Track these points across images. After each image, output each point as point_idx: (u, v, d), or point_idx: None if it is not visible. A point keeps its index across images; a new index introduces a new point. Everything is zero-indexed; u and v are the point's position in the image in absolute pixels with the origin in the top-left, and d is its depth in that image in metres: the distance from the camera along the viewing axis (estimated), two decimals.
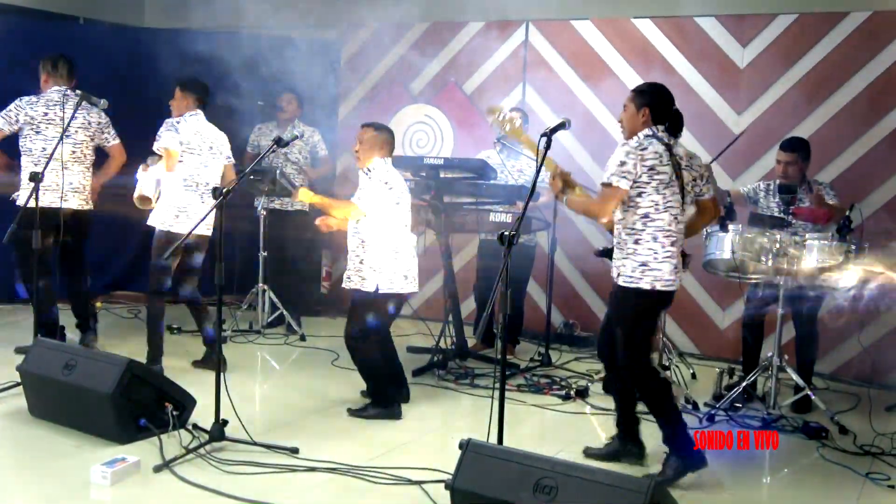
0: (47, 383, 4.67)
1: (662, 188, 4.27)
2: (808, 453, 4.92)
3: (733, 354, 6.46)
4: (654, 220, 4.28)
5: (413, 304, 7.60)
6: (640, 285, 4.30)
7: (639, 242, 4.30)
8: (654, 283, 4.30)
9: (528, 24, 7.64)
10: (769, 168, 6.70)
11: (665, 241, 4.30)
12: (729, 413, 5.36)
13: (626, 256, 4.34)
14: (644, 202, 4.27)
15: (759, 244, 5.36)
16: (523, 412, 5.38)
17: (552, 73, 7.53)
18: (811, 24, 6.67)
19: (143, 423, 4.44)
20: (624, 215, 4.33)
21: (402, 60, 8.15)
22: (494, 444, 3.61)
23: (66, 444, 4.46)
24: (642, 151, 4.26)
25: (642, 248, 4.29)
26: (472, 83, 7.89)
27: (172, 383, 4.70)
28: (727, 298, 6.90)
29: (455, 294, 6.38)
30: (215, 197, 4.39)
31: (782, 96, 6.77)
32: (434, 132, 7.98)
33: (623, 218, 4.34)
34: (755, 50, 6.85)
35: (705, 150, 6.67)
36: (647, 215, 4.29)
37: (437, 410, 5.45)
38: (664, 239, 4.30)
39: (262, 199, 7.18)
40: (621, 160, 4.24)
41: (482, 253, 6.92)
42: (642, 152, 4.26)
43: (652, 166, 4.25)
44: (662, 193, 4.27)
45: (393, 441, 4.79)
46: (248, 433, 4.47)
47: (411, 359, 6.42)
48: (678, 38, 7.09)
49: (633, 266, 4.30)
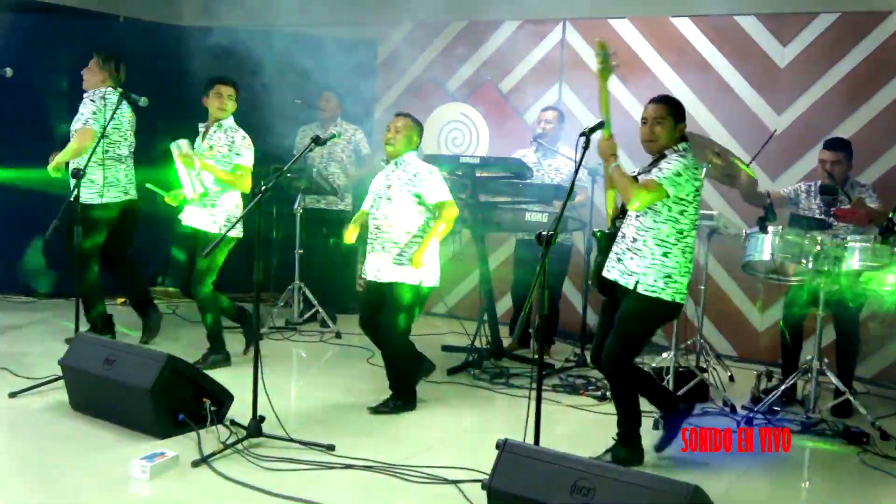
0: (88, 378, 4.73)
1: (698, 207, 4.38)
2: (848, 458, 4.85)
3: (771, 357, 6.40)
4: (685, 237, 4.35)
5: (448, 303, 7.63)
6: (661, 296, 4.32)
7: (668, 255, 4.31)
8: (675, 295, 4.34)
9: (564, 23, 7.61)
10: (809, 168, 6.62)
11: (690, 255, 4.38)
12: (767, 416, 5.30)
13: (649, 266, 4.30)
14: (683, 219, 4.32)
15: (800, 246, 5.29)
16: (559, 413, 5.36)
17: (589, 72, 7.45)
18: (853, 22, 6.58)
19: (182, 419, 4.48)
20: (657, 226, 4.31)
21: (438, 59, 8.15)
22: (531, 444, 3.60)
23: (106, 437, 4.52)
24: (696, 171, 4.33)
25: (670, 261, 4.32)
26: (508, 82, 7.88)
27: (210, 379, 4.74)
28: (765, 300, 6.82)
29: (490, 293, 6.37)
30: (254, 195, 4.42)
31: (823, 96, 6.68)
32: (470, 131, 7.97)
33: (655, 228, 4.32)
34: (796, 49, 6.77)
35: (743, 149, 6.60)
36: (682, 231, 4.33)
37: (471, 410, 5.44)
38: (689, 254, 4.38)
39: (300, 197, 7.22)
40: (678, 171, 4.24)
41: (518, 252, 6.90)
42: (696, 171, 4.32)
43: (698, 188, 4.34)
44: (698, 213, 4.39)
45: (429, 440, 4.80)
46: (284, 430, 4.50)
47: (446, 357, 6.42)
48: (717, 36, 7.02)
49: (657, 276, 4.30)
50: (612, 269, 4.44)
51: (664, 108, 4.40)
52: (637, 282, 4.32)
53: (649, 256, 4.31)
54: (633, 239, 4.36)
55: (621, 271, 4.38)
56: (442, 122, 8.05)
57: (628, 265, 4.35)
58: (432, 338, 7.15)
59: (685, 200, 4.29)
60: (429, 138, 8.07)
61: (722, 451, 4.85)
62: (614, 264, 4.43)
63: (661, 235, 4.31)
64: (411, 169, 5.17)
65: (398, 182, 5.17)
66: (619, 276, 4.39)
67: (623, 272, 4.37)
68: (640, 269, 4.32)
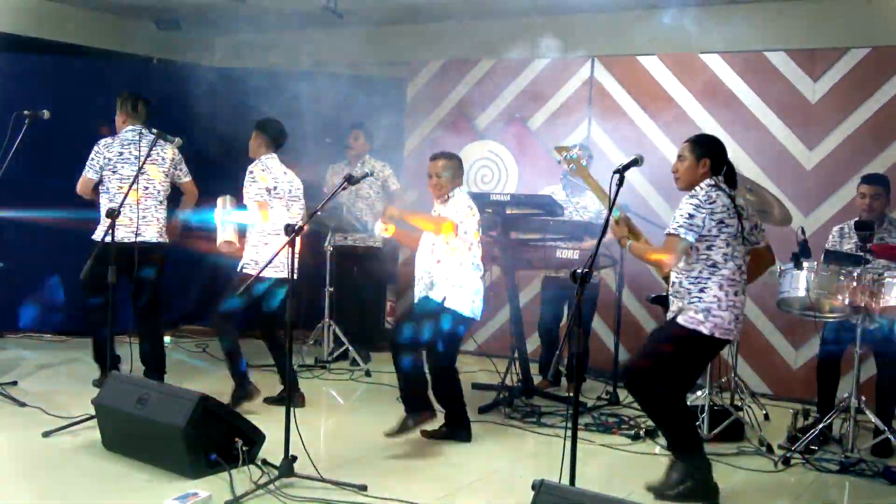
0: (121, 417, 4.74)
1: (731, 240, 4.32)
2: (889, 499, 4.74)
3: (807, 395, 6.30)
4: (720, 270, 4.32)
5: (478, 340, 7.59)
6: (700, 328, 4.32)
7: (704, 291, 4.31)
8: (715, 329, 4.31)
9: (593, 61, 7.63)
10: (841, 205, 6.59)
11: (729, 290, 4.34)
12: (805, 456, 5.21)
13: (690, 303, 4.35)
14: (713, 254, 4.32)
15: (835, 282, 5.23)
16: (592, 452, 5.29)
17: (618, 109, 7.50)
18: (884, 57, 6.55)
19: (214, 458, 4.47)
20: (691, 266, 4.36)
21: (468, 97, 8.20)
22: (567, 485, 3.55)
23: (138, 477, 4.51)
24: (711, 205, 4.29)
25: (707, 296, 4.32)
26: (537, 119, 7.90)
27: (243, 418, 4.73)
28: (800, 337, 6.74)
29: (521, 330, 6.34)
30: (287, 234, 4.44)
31: (855, 131, 6.64)
32: (498, 168, 7.99)
33: (689, 269, 4.36)
34: (827, 84, 6.74)
35: (775, 185, 6.57)
36: (714, 265, 4.33)
37: (503, 449, 5.39)
38: (728, 288, 4.34)
39: (330, 235, 7.24)
40: (689, 213, 4.26)
41: (546, 289, 6.87)
42: (711, 206, 4.29)
43: (721, 219, 4.30)
44: (732, 245, 4.33)
45: (461, 480, 4.76)
46: (316, 469, 4.47)
47: (477, 395, 6.37)
48: (747, 72, 7.01)
49: (697, 309, 4.32)
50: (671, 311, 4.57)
51: (686, 145, 4.48)
52: (676, 314, 4.44)
53: (688, 295, 4.38)
54: (675, 282, 4.46)
55: (671, 310, 4.53)
56: (471, 159, 8.07)
57: (673, 301, 4.51)
58: (463, 376, 7.07)
59: (709, 236, 4.30)
60: None
61: (758, 491, 4.77)
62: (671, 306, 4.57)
63: (695, 273, 4.34)
64: (455, 204, 5.28)
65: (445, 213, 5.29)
66: (671, 314, 4.53)
67: (671, 311, 4.53)
68: (682, 305, 4.41)
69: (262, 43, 8.70)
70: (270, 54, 8.63)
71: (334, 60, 8.60)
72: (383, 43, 8.63)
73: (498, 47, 7.95)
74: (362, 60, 8.62)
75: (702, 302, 4.31)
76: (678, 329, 4.39)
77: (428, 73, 8.42)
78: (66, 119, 6.47)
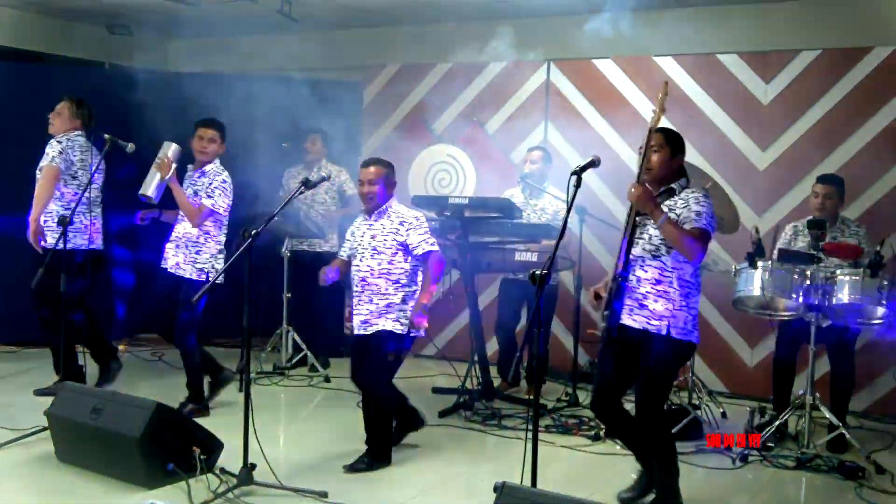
0: (75, 427, 4.65)
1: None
2: (844, 494, 4.81)
3: (763, 393, 6.37)
4: (698, 274, 4.23)
5: (438, 344, 7.58)
6: (690, 339, 4.17)
7: (689, 296, 4.15)
8: (698, 335, 4.23)
9: (549, 64, 7.66)
10: (794, 205, 6.68)
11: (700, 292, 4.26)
12: (762, 453, 5.27)
13: (679, 309, 4.10)
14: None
15: (789, 280, 5.31)
16: (552, 453, 5.30)
17: (574, 112, 7.54)
18: (835, 59, 6.66)
19: (171, 468, 4.39)
20: (682, 266, 4.12)
21: (424, 101, 8.19)
22: (529, 486, 3.55)
23: (94, 489, 4.43)
24: (710, 202, 4.18)
25: (692, 301, 4.18)
26: (494, 122, 7.91)
27: (200, 426, 4.67)
28: (756, 336, 6.82)
29: (480, 334, 6.34)
30: (244, 239, 4.39)
31: (807, 132, 6.74)
32: (457, 171, 7.99)
33: (680, 269, 4.12)
34: (779, 86, 6.84)
35: (729, 186, 6.64)
36: (700, 267, 4.23)
37: (464, 452, 5.38)
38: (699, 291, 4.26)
39: (288, 241, 7.18)
40: (711, 213, 4.10)
41: (504, 291, 6.88)
42: (710, 202, 4.19)
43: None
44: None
45: (422, 484, 4.74)
46: (276, 477, 4.42)
47: (437, 400, 6.37)
48: (700, 75, 7.09)
49: (686, 318, 4.13)
50: (636, 315, 4.15)
51: (659, 136, 4.27)
52: (668, 325, 4.10)
53: (677, 299, 4.11)
54: (657, 281, 4.12)
55: (648, 317, 4.13)
56: (429, 163, 8.07)
57: (655, 309, 4.12)
58: (422, 380, 7.10)
59: None
60: (416, 179, 8.10)
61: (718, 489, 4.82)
62: (636, 311, 4.15)
63: (686, 276, 4.14)
64: (396, 218, 5.02)
65: (383, 232, 5.00)
66: (646, 322, 4.13)
67: (650, 317, 4.13)
68: (670, 312, 4.10)
69: (216, 47, 8.62)
70: (225, 59, 8.55)
71: (289, 65, 8.54)
72: (339, 47, 8.59)
73: (454, 51, 7.94)
74: (318, 65, 8.58)
75: (690, 309, 4.15)
76: (673, 344, 4.12)
77: (384, 78, 8.40)
78: (14, 125, 6.36)
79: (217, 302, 5.83)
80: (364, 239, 5.05)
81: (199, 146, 5.77)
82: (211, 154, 5.79)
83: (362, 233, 5.08)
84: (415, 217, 5.04)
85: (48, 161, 5.90)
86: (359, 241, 5.09)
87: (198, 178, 5.79)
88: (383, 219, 5.03)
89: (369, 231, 5.04)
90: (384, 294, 4.98)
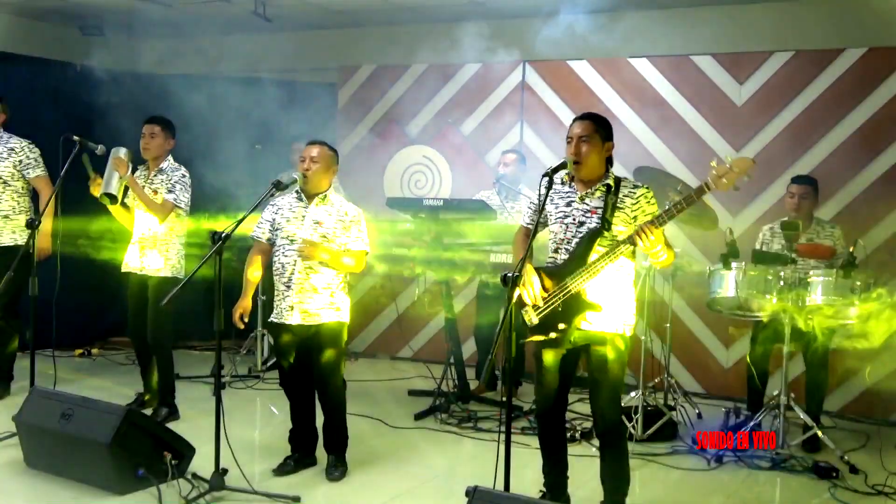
0: (44, 433, 4.59)
1: None
2: (819, 494, 4.83)
3: (739, 393, 6.39)
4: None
5: (413, 347, 7.55)
6: (634, 332, 4.06)
7: (632, 290, 4.04)
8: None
9: (524, 65, 7.66)
10: (769, 205, 6.72)
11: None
12: (737, 453, 5.27)
13: (627, 304, 3.99)
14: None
15: (763, 281, 5.32)
16: (528, 456, 5.27)
17: (550, 113, 7.54)
18: (808, 60, 6.69)
19: (142, 474, 4.34)
20: (627, 262, 3.98)
21: (399, 102, 8.15)
22: (501, 490, 3.53)
23: (63, 495, 4.37)
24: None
25: (633, 295, 4.06)
26: (469, 124, 7.89)
27: (171, 431, 4.62)
28: (731, 337, 6.83)
29: (456, 336, 6.32)
30: (214, 241, 4.33)
31: (781, 133, 6.77)
32: (433, 173, 7.97)
33: (626, 265, 3.99)
34: (752, 87, 6.87)
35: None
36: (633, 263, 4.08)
37: (440, 455, 5.36)
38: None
39: None
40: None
41: (481, 294, 6.86)
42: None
43: None
44: None
45: (397, 487, 4.70)
46: (248, 482, 4.38)
47: (412, 402, 6.35)
48: (675, 76, 7.10)
49: (631, 312, 4.03)
50: (591, 317, 3.93)
51: (588, 124, 3.97)
52: (624, 323, 3.97)
53: (625, 295, 3.98)
54: (610, 280, 3.93)
55: (602, 317, 3.92)
56: (405, 164, 8.04)
57: (609, 309, 3.92)
58: (398, 382, 7.07)
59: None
60: (392, 181, 8.07)
61: (693, 490, 4.82)
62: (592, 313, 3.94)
63: (629, 270, 4.02)
64: (340, 207, 4.79)
65: (329, 220, 4.74)
66: (603, 324, 3.94)
67: (604, 317, 3.93)
68: (620, 309, 3.96)
69: (190, 48, 8.53)
70: (198, 60, 8.47)
71: (263, 66, 8.48)
72: (313, 48, 8.55)
73: (429, 52, 7.92)
74: (292, 66, 8.53)
75: (632, 302, 4.04)
76: (625, 340, 3.98)
77: (359, 79, 8.36)
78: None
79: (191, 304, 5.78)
80: (305, 223, 4.74)
81: (143, 143, 5.73)
82: (154, 149, 5.71)
83: (301, 217, 4.77)
84: (358, 212, 4.84)
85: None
86: (296, 226, 4.75)
87: (154, 175, 5.72)
88: (326, 204, 4.79)
89: (311, 216, 4.75)
90: (328, 283, 4.74)
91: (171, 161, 5.78)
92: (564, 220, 4.01)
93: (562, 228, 4.02)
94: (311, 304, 4.72)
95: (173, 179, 5.68)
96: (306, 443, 4.95)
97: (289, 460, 4.89)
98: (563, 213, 4.03)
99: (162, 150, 5.74)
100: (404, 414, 6.04)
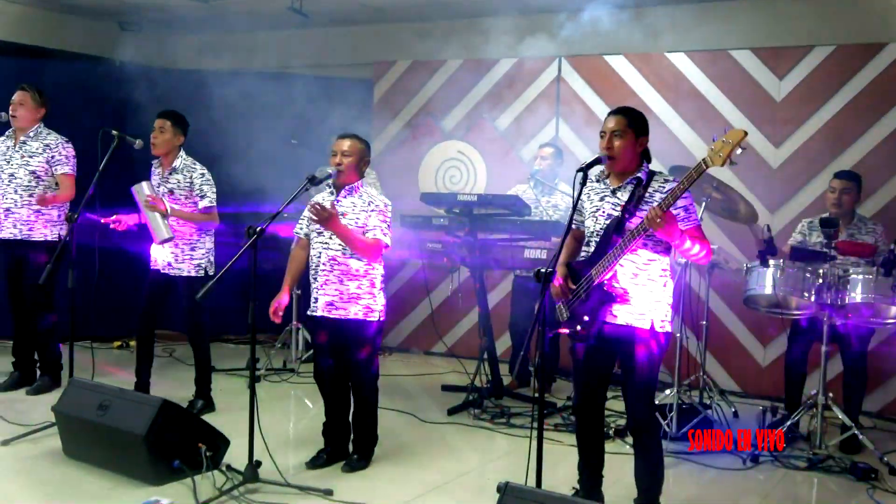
0: (82, 424, 4.65)
1: None
2: (857, 495, 4.75)
3: (775, 392, 6.32)
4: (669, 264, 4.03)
5: (447, 342, 7.55)
6: (669, 329, 3.98)
7: (667, 286, 3.97)
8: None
9: (560, 60, 7.61)
10: (808, 202, 6.62)
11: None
12: (773, 453, 5.21)
13: (658, 300, 3.92)
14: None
15: (802, 279, 5.25)
16: (561, 452, 5.25)
17: (586, 108, 7.49)
18: (848, 55, 6.59)
19: (177, 465, 4.38)
20: (659, 257, 3.92)
21: (435, 98, 8.15)
22: (533, 487, 3.52)
23: (100, 485, 4.43)
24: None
25: (669, 290, 3.98)
26: (504, 119, 7.87)
27: (206, 423, 4.66)
28: (768, 335, 6.76)
29: (490, 331, 6.30)
30: (249, 235, 4.36)
31: (821, 129, 6.67)
32: (467, 168, 7.96)
33: (657, 259, 3.91)
34: (792, 82, 6.77)
35: (742, 183, 6.59)
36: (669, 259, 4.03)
37: (472, 451, 5.35)
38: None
39: None
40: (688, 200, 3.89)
41: (516, 290, 6.84)
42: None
43: None
44: None
45: (429, 482, 4.71)
46: (281, 474, 4.41)
47: (446, 397, 6.35)
48: (713, 71, 7.03)
49: (666, 310, 3.96)
50: (617, 312, 3.90)
51: (620, 118, 3.95)
52: (653, 320, 3.90)
53: (657, 290, 3.90)
54: (635, 274, 3.88)
55: (630, 311, 3.89)
56: (439, 159, 8.04)
57: (637, 304, 3.90)
58: (432, 377, 7.07)
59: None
60: (426, 176, 8.07)
61: (729, 490, 4.77)
62: (617, 306, 3.91)
63: (663, 265, 3.95)
64: (367, 197, 4.75)
65: (353, 210, 4.70)
66: (630, 318, 3.90)
67: (632, 312, 3.90)
68: (651, 305, 3.89)
69: (227, 44, 8.60)
70: (235, 55, 8.53)
71: (300, 61, 8.52)
72: (349, 43, 8.57)
73: (465, 47, 7.92)
74: (328, 61, 8.56)
75: (668, 299, 3.97)
76: (657, 337, 3.90)
77: (394, 74, 8.36)
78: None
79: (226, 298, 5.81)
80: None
81: (152, 138, 5.66)
82: (161, 144, 5.63)
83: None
84: (384, 202, 4.79)
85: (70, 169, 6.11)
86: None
87: (168, 174, 5.68)
88: (353, 196, 4.76)
89: (339, 208, 4.70)
90: (354, 275, 4.72)
91: (184, 157, 5.70)
92: (596, 214, 4.00)
93: (593, 222, 4.01)
94: (336, 296, 4.72)
95: (198, 182, 5.62)
96: (339, 437, 4.97)
97: (322, 454, 4.91)
98: (596, 207, 4.01)
99: (171, 146, 5.65)
100: (437, 409, 6.05)
